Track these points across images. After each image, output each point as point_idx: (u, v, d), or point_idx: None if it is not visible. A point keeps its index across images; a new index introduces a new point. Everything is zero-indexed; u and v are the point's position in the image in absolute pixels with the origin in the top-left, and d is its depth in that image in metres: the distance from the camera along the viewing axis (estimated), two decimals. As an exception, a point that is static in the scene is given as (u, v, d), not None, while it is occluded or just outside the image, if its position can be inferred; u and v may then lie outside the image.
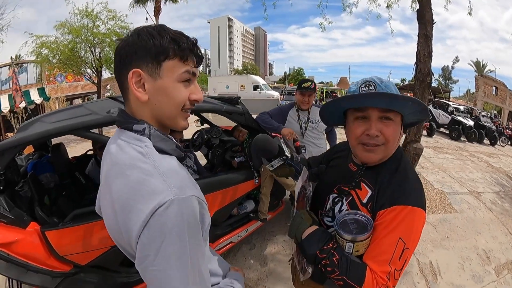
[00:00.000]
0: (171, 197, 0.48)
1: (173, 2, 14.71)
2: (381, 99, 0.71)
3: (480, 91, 20.61)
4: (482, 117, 11.19)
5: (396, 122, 0.74)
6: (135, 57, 0.54)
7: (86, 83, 13.51)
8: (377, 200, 0.74)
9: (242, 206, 2.45)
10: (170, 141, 0.60)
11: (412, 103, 0.71)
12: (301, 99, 2.31)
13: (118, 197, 0.52)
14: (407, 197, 0.70)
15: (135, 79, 0.54)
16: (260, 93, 17.94)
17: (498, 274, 2.42)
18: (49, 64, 7.71)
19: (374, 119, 0.73)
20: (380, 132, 0.73)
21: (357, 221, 0.72)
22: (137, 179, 0.50)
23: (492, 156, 7.90)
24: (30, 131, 1.48)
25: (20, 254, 1.32)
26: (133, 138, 0.56)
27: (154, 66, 0.54)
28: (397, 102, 0.70)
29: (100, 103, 1.99)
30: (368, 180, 0.78)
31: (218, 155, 2.78)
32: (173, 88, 0.56)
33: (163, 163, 0.53)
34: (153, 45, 0.53)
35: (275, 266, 2.30)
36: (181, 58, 0.55)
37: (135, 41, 0.54)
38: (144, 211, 0.47)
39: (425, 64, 3.60)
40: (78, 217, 1.48)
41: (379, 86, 0.73)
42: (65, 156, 2.43)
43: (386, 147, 0.74)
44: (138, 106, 0.58)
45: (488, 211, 3.73)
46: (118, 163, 0.55)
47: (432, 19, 3.65)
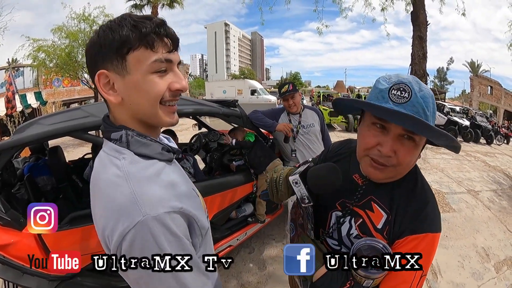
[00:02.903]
0: (140, 218, 0.44)
1: (170, 8, 14.78)
2: (411, 122, 0.56)
3: (475, 91, 20.86)
4: (478, 117, 11.32)
5: (418, 145, 0.62)
6: (99, 57, 0.49)
7: (83, 88, 13.47)
8: (394, 226, 0.65)
9: (241, 209, 2.42)
10: (154, 145, 0.54)
11: (445, 139, 0.59)
12: (286, 104, 2.27)
13: (96, 213, 0.51)
14: (429, 224, 0.64)
15: (102, 82, 0.50)
16: (257, 97, 18.03)
17: (498, 270, 2.43)
18: (46, 68, 7.70)
19: (392, 135, 0.60)
20: (394, 153, 0.60)
21: (373, 248, 0.62)
22: (110, 197, 0.47)
23: (488, 155, 7.96)
24: (27, 133, 1.48)
25: (16, 256, 1.30)
26: (112, 150, 0.52)
27: (119, 62, 0.48)
28: (428, 132, 0.57)
29: (98, 105, 1.99)
30: (381, 201, 0.68)
31: (216, 158, 2.76)
32: (144, 81, 0.49)
33: (138, 177, 0.48)
34: (113, 39, 0.47)
35: (274, 270, 2.28)
36: (146, 45, 0.47)
37: (96, 40, 0.49)
38: (115, 234, 0.45)
39: (420, 65, 3.65)
40: (74, 220, 1.47)
41: (415, 96, 0.57)
42: (62, 159, 2.41)
43: (396, 170, 0.63)
44: (115, 109, 0.53)
45: (486, 209, 3.75)
46: (97, 178, 0.53)
47: (426, 20, 3.72)
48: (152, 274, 0.44)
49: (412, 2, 3.80)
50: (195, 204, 0.55)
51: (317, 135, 2.33)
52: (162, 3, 14.21)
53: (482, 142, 10.31)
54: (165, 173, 0.52)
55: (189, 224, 0.51)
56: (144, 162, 0.52)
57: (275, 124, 2.22)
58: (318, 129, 2.32)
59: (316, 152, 2.26)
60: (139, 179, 0.48)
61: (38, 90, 12.70)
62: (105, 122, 0.55)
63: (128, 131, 0.52)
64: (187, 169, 2.17)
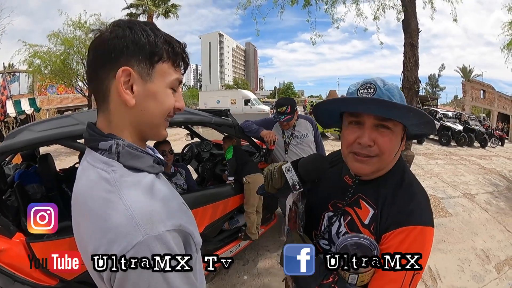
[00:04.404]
0: (140, 238, 0.40)
1: (165, 17, 14.94)
2: (378, 106, 0.62)
3: (468, 95, 21.27)
4: (471, 121, 11.51)
5: (396, 132, 0.65)
6: (125, 53, 0.47)
7: (77, 95, 13.39)
8: (381, 221, 0.65)
9: (234, 220, 2.37)
10: (145, 157, 0.51)
11: (413, 115, 0.62)
12: (280, 124, 2.25)
13: (82, 233, 0.47)
14: (415, 216, 0.63)
15: (124, 79, 0.47)
16: (250, 107, 18.16)
17: (499, 271, 2.43)
18: (41, 74, 7.67)
19: (368, 126, 0.64)
20: (373, 142, 0.64)
21: (360, 245, 0.62)
22: (101, 215, 0.43)
23: (483, 158, 8.07)
24: (17, 139, 1.45)
25: (6, 263, 1.29)
26: (98, 161, 0.48)
27: (146, 67, 0.48)
28: (396, 111, 0.62)
29: (88, 113, 1.97)
30: (368, 197, 0.69)
31: (208, 168, 2.74)
32: (163, 93, 0.50)
33: (132, 192, 0.44)
34: (148, 42, 0.47)
35: (269, 282, 2.23)
36: (173, 62, 0.50)
37: (127, 35, 0.47)
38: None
39: (412, 72, 3.71)
40: (63, 230, 1.43)
41: (380, 90, 0.63)
42: (52, 168, 2.36)
43: (380, 159, 0.65)
44: (119, 112, 0.49)
45: (483, 212, 3.76)
46: (82, 193, 0.48)
47: (418, 28, 3.80)
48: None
49: (403, 11, 3.88)
50: (190, 219, 0.53)
51: (311, 145, 2.30)
52: (158, 13, 14.38)
53: (476, 145, 10.46)
54: (157, 187, 0.48)
55: (185, 241, 0.47)
56: (135, 175, 0.48)
57: (260, 130, 2.19)
58: (312, 139, 2.30)
59: None
60: (133, 195, 0.44)
61: (32, 97, 12.60)
62: (91, 130, 0.50)
63: (118, 141, 0.48)
64: (180, 186, 2.11)
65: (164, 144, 2.10)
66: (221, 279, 2.25)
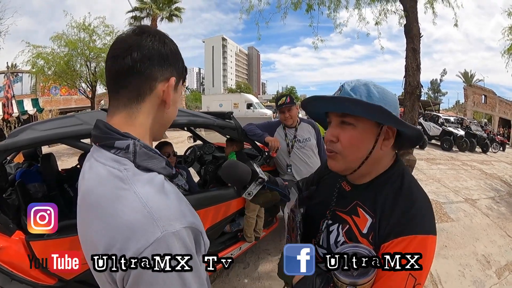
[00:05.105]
0: (159, 234, 0.40)
1: (169, 21, 15.08)
2: (334, 103, 0.67)
3: (469, 100, 21.20)
4: (472, 126, 11.48)
5: (359, 128, 0.65)
6: (174, 63, 0.53)
7: (80, 97, 13.49)
8: (379, 230, 0.62)
9: (235, 223, 2.36)
10: (159, 158, 0.51)
11: (361, 109, 0.62)
12: (283, 117, 2.26)
13: (91, 231, 0.46)
14: (416, 224, 0.59)
15: (171, 86, 0.52)
16: (253, 111, 18.19)
17: (500, 276, 2.42)
18: (44, 75, 7.72)
19: (334, 124, 0.68)
20: (336, 138, 0.67)
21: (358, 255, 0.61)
22: (112, 212, 0.43)
23: (485, 163, 8.03)
24: (20, 137, 1.46)
25: (5, 261, 1.28)
26: (109, 159, 0.47)
27: (180, 79, 0.56)
28: (354, 107, 0.63)
29: (92, 114, 1.98)
30: (366, 204, 0.67)
31: (210, 171, 2.73)
32: (178, 102, 0.60)
33: (147, 190, 0.44)
34: (181, 59, 0.56)
35: (270, 285, 2.22)
36: (184, 79, 0.59)
37: (176, 48, 0.55)
38: (127, 255, 0.40)
39: (414, 77, 3.72)
40: (64, 229, 1.43)
41: (345, 89, 0.66)
42: (54, 167, 2.37)
43: (343, 155, 0.66)
44: (152, 112, 0.52)
45: (484, 217, 3.75)
46: (92, 191, 0.47)
47: (419, 32, 3.82)
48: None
49: (405, 16, 3.91)
50: (199, 219, 0.53)
51: (313, 149, 2.30)
52: (162, 17, 14.51)
53: (478, 151, 10.42)
54: (167, 187, 0.49)
55: (196, 240, 0.47)
56: (147, 174, 0.48)
57: (265, 136, 2.19)
58: (314, 143, 2.30)
59: (312, 167, 2.21)
60: (149, 192, 0.44)
61: (35, 97, 12.68)
62: (107, 128, 0.49)
63: (135, 141, 0.48)
64: (182, 187, 2.12)
65: (167, 146, 2.11)
66: (221, 282, 2.25)
